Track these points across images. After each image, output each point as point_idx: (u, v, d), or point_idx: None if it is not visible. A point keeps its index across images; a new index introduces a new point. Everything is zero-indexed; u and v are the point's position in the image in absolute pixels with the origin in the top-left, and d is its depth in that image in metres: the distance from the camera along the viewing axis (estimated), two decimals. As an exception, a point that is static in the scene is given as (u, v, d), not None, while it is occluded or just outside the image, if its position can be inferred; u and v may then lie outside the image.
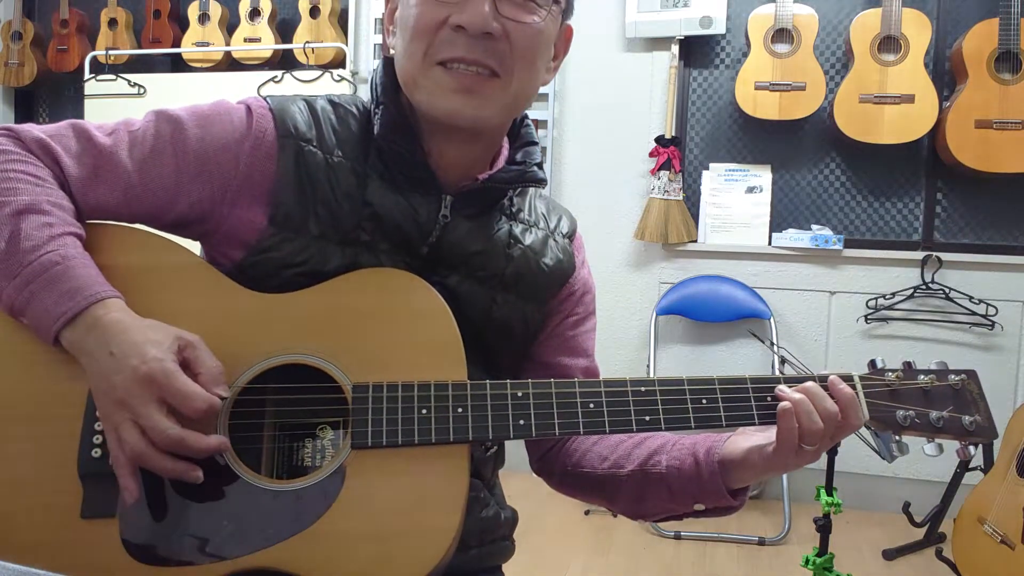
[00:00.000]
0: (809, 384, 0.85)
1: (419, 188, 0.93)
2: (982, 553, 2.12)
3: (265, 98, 0.93)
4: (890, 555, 2.67)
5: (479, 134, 0.93)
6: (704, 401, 0.85)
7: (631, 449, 0.98)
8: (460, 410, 0.82)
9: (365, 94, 0.98)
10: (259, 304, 0.86)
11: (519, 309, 0.98)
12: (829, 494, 2.12)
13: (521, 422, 0.83)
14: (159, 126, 0.89)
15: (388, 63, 0.94)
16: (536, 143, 1.01)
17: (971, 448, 0.89)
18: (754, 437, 0.89)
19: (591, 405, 0.84)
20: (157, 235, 0.90)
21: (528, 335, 1.00)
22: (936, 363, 0.90)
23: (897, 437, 0.88)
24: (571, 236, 1.06)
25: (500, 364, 0.98)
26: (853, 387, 0.86)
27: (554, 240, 1.03)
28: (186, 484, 0.77)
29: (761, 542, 2.77)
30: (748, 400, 0.86)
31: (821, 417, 0.82)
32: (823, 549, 2.12)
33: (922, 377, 0.89)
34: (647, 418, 0.84)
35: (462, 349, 0.85)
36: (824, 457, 2.19)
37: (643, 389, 0.85)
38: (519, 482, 1.53)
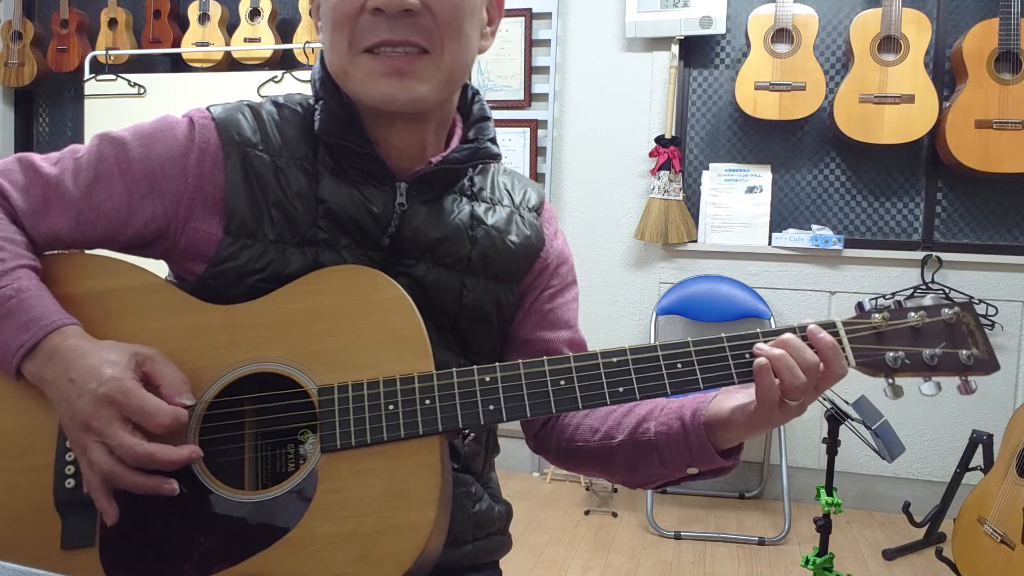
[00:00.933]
0: (787, 336, 0.81)
1: (372, 179, 0.92)
2: (982, 553, 2.12)
3: (209, 108, 0.92)
4: (890, 555, 2.67)
5: (423, 116, 0.91)
6: (679, 366, 0.82)
7: (621, 418, 0.96)
8: (428, 402, 0.80)
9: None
10: (220, 316, 0.85)
11: (491, 291, 0.96)
12: (829, 494, 2.12)
13: (491, 407, 0.81)
14: (102, 150, 0.89)
15: (324, 57, 0.93)
16: (489, 118, 0.99)
17: (972, 382, 0.83)
18: (738, 396, 0.86)
19: (561, 382, 0.82)
20: (115, 259, 0.90)
21: (504, 316, 0.99)
22: (930, 298, 0.86)
23: (890, 380, 0.83)
24: (538, 209, 1.04)
25: (480, 349, 0.97)
26: (836, 334, 0.83)
27: (520, 216, 1.01)
28: (162, 506, 0.78)
29: (761, 542, 2.77)
30: (726, 360, 0.82)
31: (802, 369, 0.79)
32: (823, 549, 2.12)
33: (912, 315, 0.83)
34: (620, 389, 0.82)
35: (427, 339, 0.83)
36: (824, 457, 2.19)
37: (615, 360, 0.82)
38: (519, 482, 1.53)
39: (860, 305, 0.86)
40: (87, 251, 0.91)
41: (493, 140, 0.99)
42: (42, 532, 0.79)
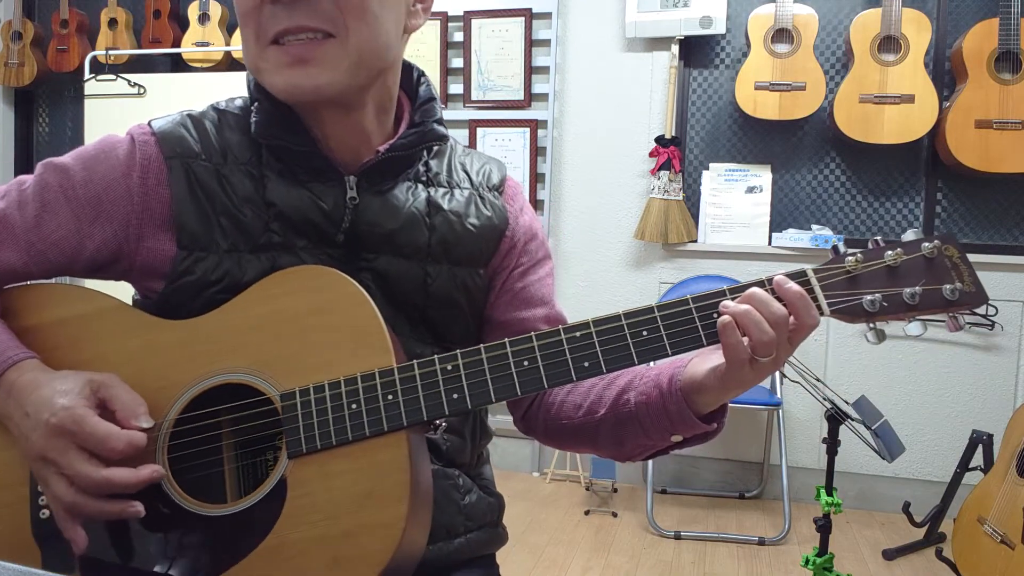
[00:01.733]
0: (753, 291, 0.77)
1: (319, 176, 0.90)
2: (982, 553, 2.12)
3: (150, 123, 0.91)
4: (890, 555, 2.67)
5: (350, 104, 0.89)
6: (645, 333, 0.79)
7: (602, 392, 0.94)
8: (391, 397, 0.78)
9: None
10: (179, 332, 0.85)
11: (456, 277, 0.95)
12: (829, 494, 2.12)
13: (455, 396, 0.79)
14: (46, 178, 0.88)
15: None
16: (434, 98, 0.97)
17: (962, 319, 0.78)
18: (712, 357, 0.82)
19: (525, 363, 0.79)
20: (72, 286, 0.89)
21: (474, 300, 0.97)
22: (912, 232, 0.80)
23: (871, 325, 0.78)
24: (500, 187, 1.01)
25: (453, 337, 0.95)
26: (807, 283, 0.79)
27: (479, 197, 0.99)
28: (136, 526, 0.77)
29: (761, 542, 2.77)
30: (692, 322, 0.78)
31: (770, 324, 0.75)
32: (823, 549, 2.12)
33: (888, 253, 0.78)
34: (586, 364, 0.79)
35: (386, 333, 0.81)
36: (824, 457, 2.19)
37: (578, 334, 0.80)
38: (519, 482, 1.53)
39: (835, 248, 0.81)
40: (46, 280, 0.90)
41: (440, 121, 0.96)
42: (23, 563, 0.79)
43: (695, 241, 3.27)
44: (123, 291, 0.90)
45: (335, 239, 0.90)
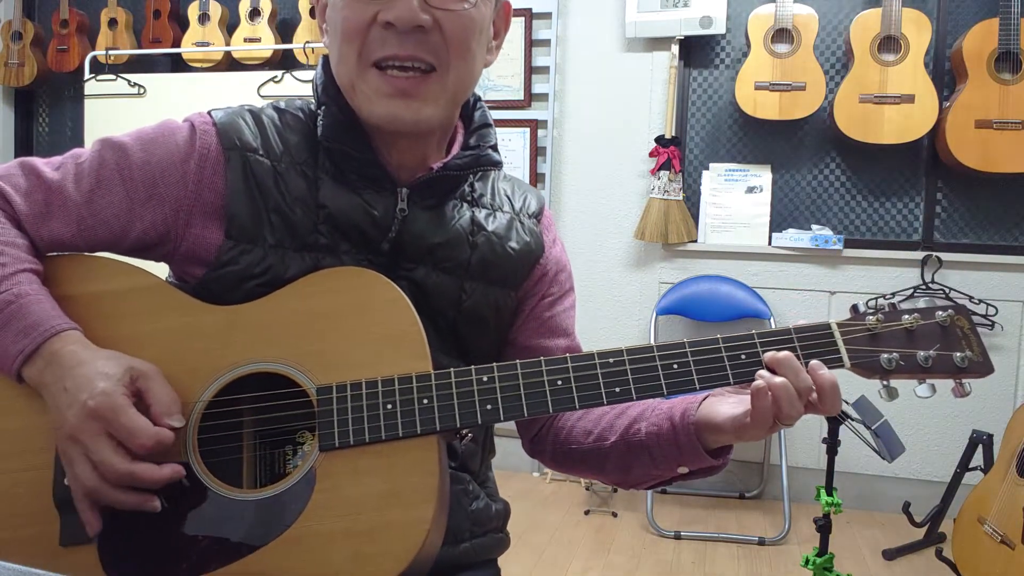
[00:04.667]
0: (788, 361, 0.79)
1: (372, 185, 0.92)
2: (982, 553, 2.12)
3: (210, 112, 0.92)
4: (890, 555, 2.67)
5: (426, 133, 0.92)
6: (676, 366, 0.82)
7: (613, 420, 0.96)
8: (426, 401, 0.80)
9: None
10: (219, 317, 0.86)
11: (489, 296, 0.96)
12: (829, 494, 2.12)
13: (488, 407, 0.81)
14: (104, 155, 0.89)
15: (327, 61, 0.93)
16: (490, 124, 1.00)
17: (967, 384, 0.83)
18: (730, 399, 0.86)
19: (559, 382, 0.82)
20: (116, 260, 0.90)
21: (502, 321, 0.99)
22: (924, 301, 0.87)
23: (885, 382, 0.84)
24: (538, 216, 1.04)
25: (478, 352, 0.97)
26: (831, 335, 0.83)
27: (520, 222, 1.01)
28: (161, 504, 0.78)
29: (761, 542, 2.77)
30: (721, 361, 0.82)
31: (798, 392, 0.79)
32: (823, 549, 2.12)
33: (906, 317, 0.84)
34: (617, 389, 0.82)
35: (424, 339, 0.83)
36: (824, 457, 2.19)
37: (611, 361, 0.82)
38: (519, 482, 1.53)
39: (855, 307, 0.86)
40: (90, 253, 0.91)
41: (494, 147, 0.99)
42: (41, 529, 0.79)
43: (695, 241, 3.27)
44: (158, 272, 0.91)
45: (380, 247, 0.92)
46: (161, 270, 0.93)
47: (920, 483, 3.09)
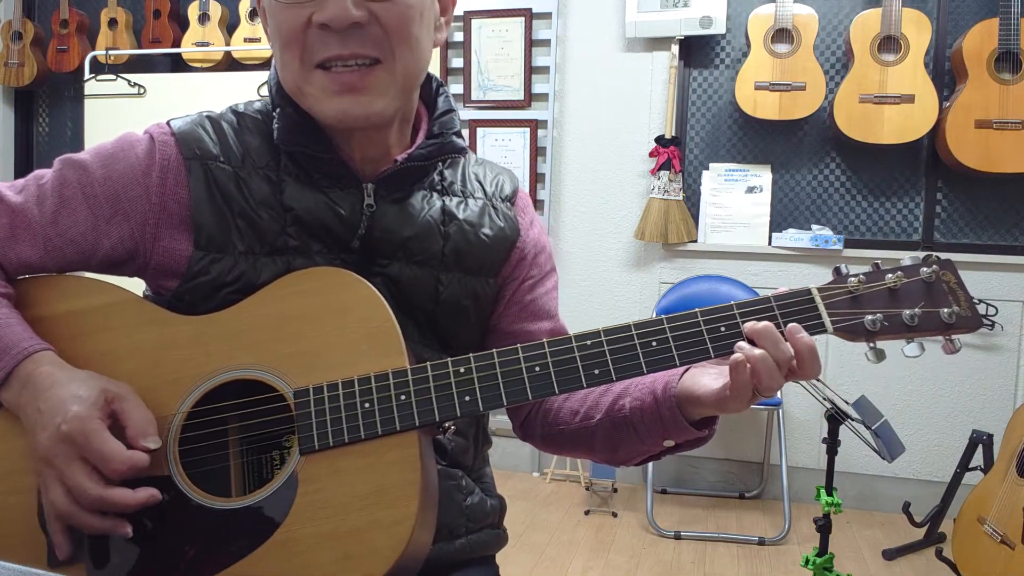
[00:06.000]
0: (768, 330, 0.78)
1: (337, 183, 0.91)
2: (982, 553, 2.12)
3: (169, 122, 0.91)
4: (890, 555, 2.67)
5: (381, 125, 0.91)
6: (654, 343, 0.80)
7: (599, 398, 0.96)
8: (403, 397, 0.80)
9: None
10: (193, 327, 0.85)
11: (467, 285, 0.96)
12: (829, 494, 2.12)
13: (467, 398, 0.80)
14: (65, 174, 0.88)
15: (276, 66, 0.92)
16: (453, 110, 0.99)
17: (957, 340, 0.80)
18: (711, 371, 0.85)
19: (536, 369, 0.81)
20: (88, 278, 0.90)
21: (482, 309, 0.98)
22: (910, 258, 0.83)
23: (871, 344, 0.81)
24: (512, 199, 1.03)
25: (460, 343, 0.96)
26: (811, 300, 0.81)
27: (493, 207, 1.00)
28: (145, 517, 0.78)
29: (761, 542, 2.77)
30: (701, 335, 0.80)
31: (777, 363, 0.77)
32: (823, 549, 2.12)
33: (889, 276, 0.81)
34: (596, 371, 0.80)
35: (400, 335, 0.82)
36: (824, 457, 2.19)
37: (589, 343, 0.81)
38: (519, 482, 1.53)
39: (837, 270, 0.84)
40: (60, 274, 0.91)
41: (458, 133, 0.98)
42: (29, 551, 0.79)
43: (695, 241, 3.27)
44: (134, 286, 0.91)
45: (351, 245, 0.91)
46: (137, 286, 0.92)
47: (920, 483, 3.09)
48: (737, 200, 3.27)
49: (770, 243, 3.22)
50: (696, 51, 3.35)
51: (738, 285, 3.17)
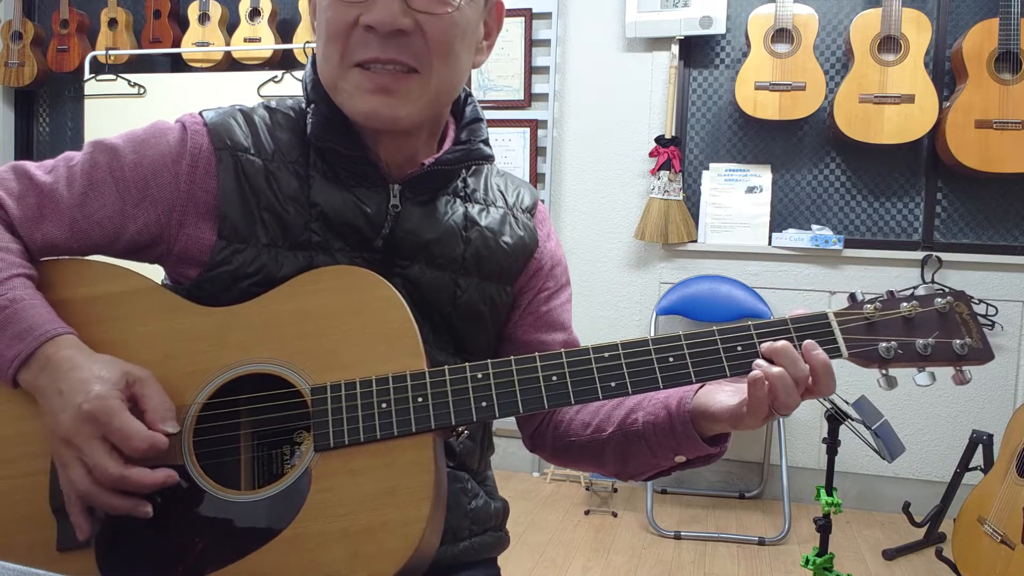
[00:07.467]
0: (785, 349, 0.79)
1: (364, 182, 0.92)
2: (982, 553, 2.12)
3: (201, 113, 0.92)
4: (890, 555, 2.67)
5: (410, 131, 0.92)
6: (671, 359, 0.81)
7: (611, 411, 0.97)
8: (420, 399, 0.80)
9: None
10: (213, 319, 0.86)
11: (484, 291, 0.97)
12: (829, 494, 2.12)
13: (484, 404, 0.81)
14: (95, 157, 0.89)
15: (316, 60, 0.93)
16: (481, 119, 1.00)
17: (967, 372, 0.82)
18: (726, 388, 0.86)
19: (553, 378, 0.81)
20: (110, 263, 0.90)
21: (498, 316, 0.99)
22: (923, 289, 0.85)
23: (884, 371, 0.82)
24: (532, 210, 1.04)
25: (474, 348, 0.97)
26: (827, 325, 0.82)
27: (513, 217, 1.01)
28: (157, 506, 0.78)
29: (761, 542, 2.77)
30: (717, 353, 0.81)
31: (795, 381, 0.78)
32: (823, 549, 2.12)
33: (904, 305, 0.83)
34: (613, 384, 0.81)
35: (418, 337, 0.83)
36: (824, 457, 2.19)
37: (607, 355, 0.82)
38: (519, 482, 1.53)
39: (852, 296, 0.85)
40: (83, 256, 0.91)
41: (485, 142, 0.99)
42: (38, 535, 0.79)
43: (695, 241, 3.27)
44: (153, 273, 0.91)
45: (374, 244, 0.92)
46: (156, 273, 0.92)
47: (920, 483, 3.09)
48: (737, 200, 3.27)
49: (770, 243, 3.22)
50: (696, 51, 3.35)
51: (738, 285, 3.18)
